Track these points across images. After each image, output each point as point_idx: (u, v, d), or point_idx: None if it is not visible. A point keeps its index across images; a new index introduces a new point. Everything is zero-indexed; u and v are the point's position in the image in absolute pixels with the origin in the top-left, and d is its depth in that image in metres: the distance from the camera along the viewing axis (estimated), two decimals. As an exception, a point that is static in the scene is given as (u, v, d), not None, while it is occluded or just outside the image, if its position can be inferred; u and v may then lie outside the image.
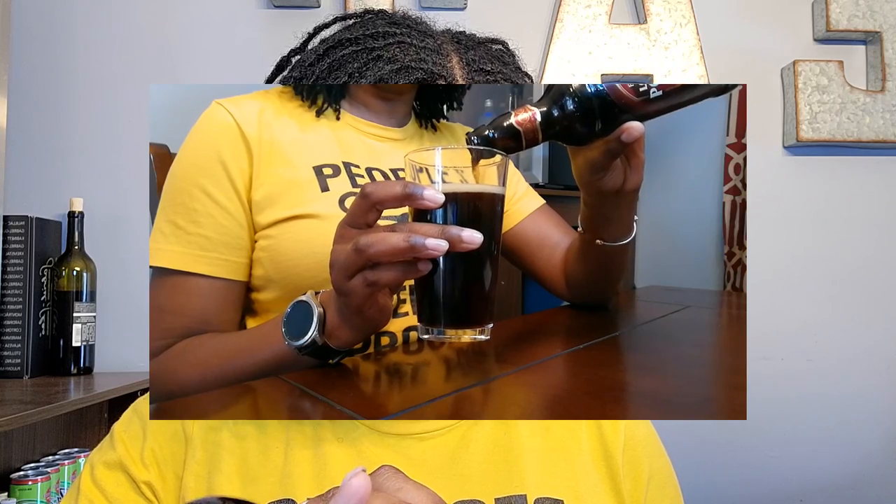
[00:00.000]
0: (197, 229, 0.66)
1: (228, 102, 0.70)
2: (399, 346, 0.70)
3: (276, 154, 0.68)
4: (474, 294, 0.53)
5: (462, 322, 0.53)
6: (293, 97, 0.75)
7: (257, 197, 0.67)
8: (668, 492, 0.59)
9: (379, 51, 0.60)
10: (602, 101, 0.56)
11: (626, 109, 0.57)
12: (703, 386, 0.54)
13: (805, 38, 1.47)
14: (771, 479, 1.43)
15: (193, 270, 0.66)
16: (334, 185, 0.69)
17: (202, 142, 0.68)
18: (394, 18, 0.63)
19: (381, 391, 0.55)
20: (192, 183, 0.67)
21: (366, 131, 0.76)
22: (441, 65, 0.59)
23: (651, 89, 0.56)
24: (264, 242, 0.67)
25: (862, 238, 1.46)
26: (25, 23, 1.37)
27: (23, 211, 1.26)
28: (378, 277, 0.48)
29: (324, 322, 0.54)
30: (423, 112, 0.85)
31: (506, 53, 0.65)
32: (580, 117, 0.57)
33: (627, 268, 0.85)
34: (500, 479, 0.51)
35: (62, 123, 1.38)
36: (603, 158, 0.62)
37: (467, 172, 0.52)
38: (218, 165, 0.67)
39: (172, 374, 0.64)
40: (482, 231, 0.48)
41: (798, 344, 1.45)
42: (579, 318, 0.83)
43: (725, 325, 0.83)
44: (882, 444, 1.44)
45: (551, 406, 0.49)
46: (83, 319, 1.29)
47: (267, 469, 0.50)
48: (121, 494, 0.50)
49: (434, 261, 0.50)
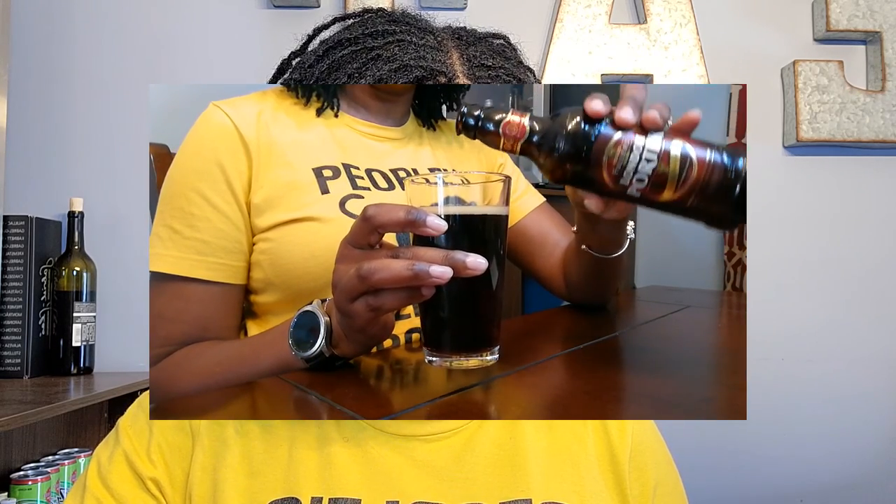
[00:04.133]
0: (194, 234, 0.66)
1: (226, 104, 0.69)
2: (401, 346, 0.70)
3: (274, 156, 0.68)
4: (480, 319, 0.52)
5: (468, 348, 0.52)
6: (291, 97, 0.75)
7: (256, 200, 0.67)
8: (674, 501, 0.59)
9: (378, 50, 0.59)
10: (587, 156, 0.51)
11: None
12: (703, 386, 0.54)
13: (805, 38, 1.47)
14: (771, 479, 1.43)
15: (191, 275, 0.65)
16: (334, 187, 0.68)
17: (199, 145, 0.68)
18: (393, 16, 0.63)
19: (383, 391, 0.55)
20: (189, 187, 0.66)
21: (364, 132, 0.76)
22: (441, 62, 0.58)
23: (633, 186, 0.51)
24: (264, 245, 0.67)
25: (862, 238, 1.46)
26: (25, 23, 1.37)
27: (23, 211, 1.26)
28: (381, 304, 0.48)
29: (331, 333, 0.54)
30: (422, 112, 0.85)
31: (508, 48, 0.64)
32: (559, 159, 0.52)
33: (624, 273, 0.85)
34: (505, 483, 0.51)
35: (62, 123, 1.38)
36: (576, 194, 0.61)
37: (471, 193, 0.51)
38: (216, 169, 0.66)
39: (173, 383, 0.64)
40: (487, 254, 0.47)
41: (798, 344, 1.45)
42: (579, 318, 0.83)
43: (725, 326, 0.83)
44: (882, 444, 1.44)
45: (552, 406, 0.49)
46: (83, 319, 1.28)
47: (271, 466, 0.50)
48: (127, 492, 0.50)
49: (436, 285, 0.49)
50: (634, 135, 0.50)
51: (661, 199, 0.51)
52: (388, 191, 0.72)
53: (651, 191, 0.51)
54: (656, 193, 0.51)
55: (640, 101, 0.51)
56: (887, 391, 1.44)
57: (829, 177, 1.46)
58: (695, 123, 0.51)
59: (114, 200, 1.37)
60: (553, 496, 0.51)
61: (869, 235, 1.46)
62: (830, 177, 1.46)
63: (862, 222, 1.46)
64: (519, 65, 0.63)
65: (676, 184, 0.50)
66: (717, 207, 0.51)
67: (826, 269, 1.46)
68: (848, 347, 1.45)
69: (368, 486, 0.49)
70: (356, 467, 0.50)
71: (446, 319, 0.51)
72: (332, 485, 0.49)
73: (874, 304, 1.45)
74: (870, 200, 1.46)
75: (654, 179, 0.50)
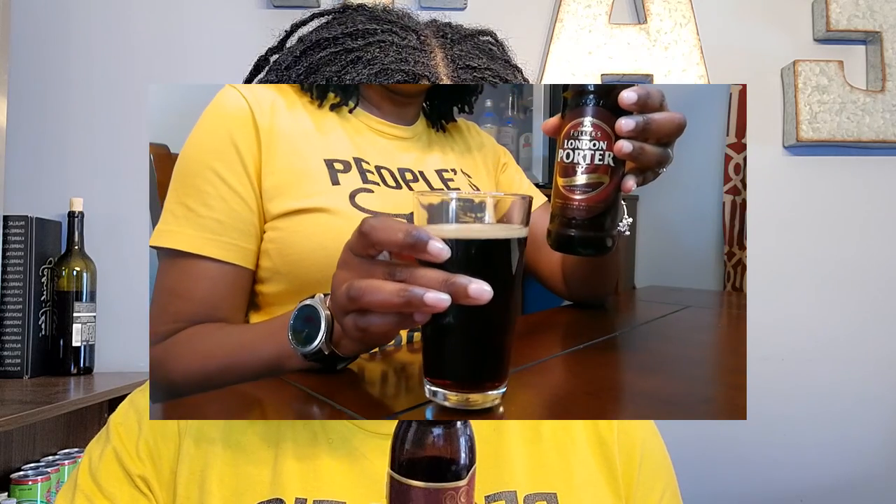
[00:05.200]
0: (209, 212, 0.65)
1: (243, 87, 0.69)
2: (403, 346, 0.70)
3: (286, 144, 0.68)
4: (486, 351, 0.46)
5: (470, 386, 0.46)
6: (306, 95, 0.74)
7: (267, 184, 0.67)
8: (661, 473, 0.58)
9: (358, 52, 0.57)
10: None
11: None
12: (703, 386, 0.54)
13: (805, 38, 1.47)
14: (771, 479, 1.43)
15: (205, 254, 0.65)
16: (345, 180, 0.68)
17: (215, 124, 0.67)
18: (374, 13, 0.60)
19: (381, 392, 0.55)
20: (204, 165, 0.66)
21: (375, 128, 0.75)
22: (424, 64, 0.56)
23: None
24: (273, 234, 0.67)
25: (862, 238, 1.46)
26: (25, 23, 1.37)
27: (23, 211, 1.26)
28: (368, 325, 0.45)
29: (332, 330, 0.52)
30: (432, 113, 0.85)
31: (495, 45, 0.62)
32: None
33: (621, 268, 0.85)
34: (489, 478, 0.50)
35: (62, 123, 1.38)
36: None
37: (486, 213, 0.46)
38: (231, 148, 0.66)
39: (176, 361, 0.64)
40: (499, 281, 0.42)
41: (798, 344, 1.45)
42: (579, 318, 0.83)
43: (725, 325, 0.83)
44: (882, 444, 1.44)
45: (551, 406, 0.49)
46: (83, 319, 1.28)
47: (257, 467, 0.50)
48: (117, 489, 0.50)
49: (442, 311, 0.43)
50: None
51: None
52: (395, 189, 0.72)
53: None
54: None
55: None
56: (887, 391, 1.44)
57: (829, 177, 1.46)
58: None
59: (114, 200, 1.37)
60: (539, 487, 0.51)
61: (869, 235, 1.46)
62: (830, 177, 1.46)
63: (862, 222, 1.46)
64: (506, 64, 0.61)
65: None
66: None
67: (826, 269, 1.46)
68: (848, 347, 1.45)
69: (354, 487, 0.49)
70: (341, 468, 0.50)
71: (449, 350, 0.46)
72: (316, 486, 0.49)
73: (874, 303, 1.45)
74: (870, 200, 1.46)
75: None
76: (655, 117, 0.55)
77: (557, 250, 0.60)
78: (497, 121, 2.24)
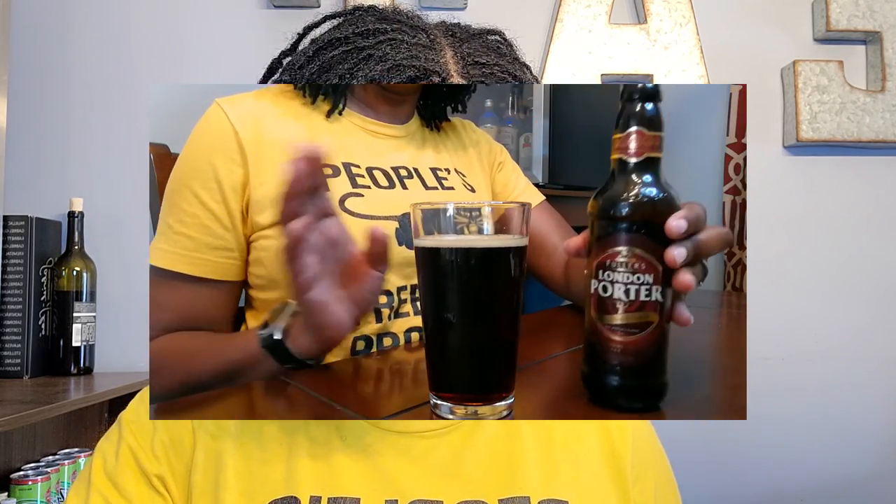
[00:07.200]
0: (182, 229, 0.68)
1: (227, 103, 0.70)
2: (401, 346, 0.70)
3: (274, 154, 0.69)
4: (491, 366, 0.46)
5: (478, 399, 0.45)
6: (296, 95, 0.75)
7: (257, 196, 0.68)
8: (670, 500, 0.59)
9: (369, 49, 0.58)
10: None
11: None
12: (703, 386, 0.54)
13: (805, 38, 1.46)
14: (771, 479, 1.43)
15: (175, 269, 0.68)
16: (334, 185, 0.69)
17: (197, 144, 0.70)
18: (384, 14, 0.62)
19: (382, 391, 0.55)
20: (184, 184, 0.69)
21: (367, 128, 0.76)
22: (434, 60, 0.57)
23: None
24: (266, 243, 0.68)
25: (862, 238, 1.46)
26: (25, 23, 1.37)
27: (23, 211, 1.26)
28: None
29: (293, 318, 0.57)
30: (426, 112, 0.85)
31: (503, 44, 0.64)
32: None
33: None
34: (503, 481, 0.51)
35: (62, 123, 1.38)
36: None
37: (484, 223, 0.46)
38: (207, 167, 0.68)
39: (164, 368, 0.66)
40: (499, 292, 0.42)
41: (798, 344, 1.45)
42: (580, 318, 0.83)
43: (725, 325, 0.83)
44: (882, 444, 1.44)
45: (551, 406, 0.49)
46: (83, 319, 1.28)
47: (271, 465, 0.50)
48: (134, 488, 0.50)
49: (445, 323, 0.45)
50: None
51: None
52: (388, 189, 0.72)
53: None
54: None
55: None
56: (887, 390, 1.44)
57: (830, 177, 1.46)
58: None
59: (114, 200, 1.37)
60: (551, 493, 0.51)
61: (869, 235, 1.46)
62: (830, 177, 1.46)
63: (862, 222, 1.46)
64: (514, 61, 0.62)
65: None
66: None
67: (826, 269, 1.46)
68: (848, 347, 1.44)
69: (367, 484, 0.49)
70: (355, 466, 0.50)
71: (455, 364, 0.46)
72: (331, 484, 0.49)
73: (874, 303, 1.45)
74: (870, 200, 1.46)
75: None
76: (703, 239, 0.48)
77: (597, 403, 0.49)
78: (497, 121, 2.23)
